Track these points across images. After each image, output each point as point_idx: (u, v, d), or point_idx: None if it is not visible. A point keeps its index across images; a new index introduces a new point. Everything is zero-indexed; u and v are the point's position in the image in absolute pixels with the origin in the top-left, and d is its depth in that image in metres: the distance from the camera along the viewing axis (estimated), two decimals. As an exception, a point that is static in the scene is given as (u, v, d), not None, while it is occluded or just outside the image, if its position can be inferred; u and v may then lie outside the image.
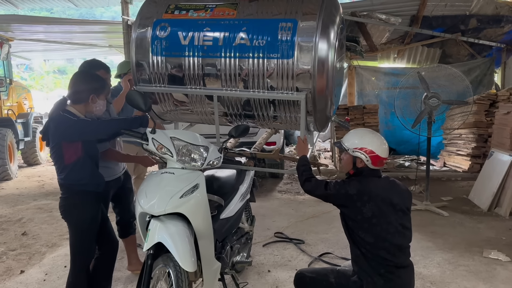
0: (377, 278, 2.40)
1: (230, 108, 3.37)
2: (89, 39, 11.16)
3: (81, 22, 9.22)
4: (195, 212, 2.50)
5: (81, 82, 2.77)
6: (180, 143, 2.59)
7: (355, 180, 2.54)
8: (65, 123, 2.60)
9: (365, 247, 2.44)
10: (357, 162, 2.56)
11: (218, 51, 3.17)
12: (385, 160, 2.57)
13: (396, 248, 2.44)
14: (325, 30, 3.01)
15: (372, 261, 2.42)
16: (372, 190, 2.46)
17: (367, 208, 2.40)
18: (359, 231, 2.46)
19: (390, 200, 2.45)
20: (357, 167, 2.56)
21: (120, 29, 8.56)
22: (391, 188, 2.54)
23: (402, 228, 2.46)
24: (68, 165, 2.68)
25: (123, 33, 7.84)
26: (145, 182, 2.61)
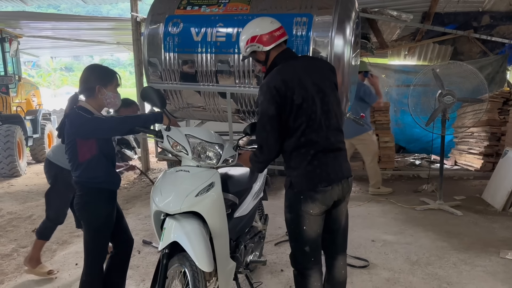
0: (305, 165, 2.27)
1: (243, 105, 3.32)
2: (97, 36, 11.16)
3: (90, 19, 9.20)
4: (210, 210, 2.45)
5: (86, 75, 2.72)
6: (195, 140, 2.54)
7: (268, 76, 2.34)
8: (79, 120, 2.56)
9: (296, 135, 2.28)
10: (258, 57, 2.43)
11: (232, 47, 3.13)
12: (275, 32, 2.38)
13: (326, 129, 2.29)
14: (341, 25, 2.96)
15: (302, 148, 2.28)
16: (290, 75, 2.28)
17: (296, 94, 2.23)
18: (291, 119, 2.27)
19: (312, 80, 2.30)
20: (262, 61, 2.44)
21: (129, 26, 8.53)
22: (310, 66, 2.38)
23: (330, 106, 2.32)
24: (82, 163, 2.64)
25: (132, 30, 7.81)
26: (159, 180, 2.57)
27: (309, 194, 2.27)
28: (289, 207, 2.38)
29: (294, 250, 2.44)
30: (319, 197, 2.27)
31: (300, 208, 2.29)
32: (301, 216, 2.31)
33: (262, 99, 2.30)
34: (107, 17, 8.67)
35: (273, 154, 2.37)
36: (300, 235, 2.34)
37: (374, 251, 3.96)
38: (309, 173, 2.28)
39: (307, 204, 2.28)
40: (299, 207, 2.30)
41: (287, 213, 2.39)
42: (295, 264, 2.46)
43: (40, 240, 3.68)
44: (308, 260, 2.37)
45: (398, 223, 4.73)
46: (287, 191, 2.39)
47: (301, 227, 2.31)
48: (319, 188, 2.27)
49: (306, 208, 2.28)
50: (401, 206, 5.31)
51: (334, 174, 2.32)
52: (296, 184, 2.31)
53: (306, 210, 2.29)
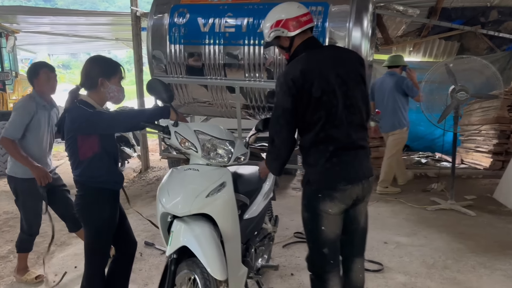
0: (323, 162, 2.14)
1: (252, 100, 3.15)
2: (96, 32, 10.94)
3: (88, 13, 9.01)
4: (222, 212, 2.28)
5: (89, 66, 2.55)
6: (205, 137, 2.37)
7: (288, 66, 2.22)
8: (80, 115, 2.38)
9: (314, 130, 2.14)
10: (283, 43, 2.27)
11: (241, 38, 2.96)
12: (302, 18, 2.22)
13: (347, 124, 2.15)
14: (359, 16, 2.79)
15: (320, 145, 2.15)
16: (311, 65, 2.13)
17: (316, 86, 2.09)
18: (308, 113, 2.13)
19: (336, 71, 2.14)
20: (286, 47, 2.27)
21: (127, 21, 8.34)
22: (335, 57, 2.23)
23: (354, 101, 2.17)
24: (83, 161, 2.46)
25: (132, 25, 7.60)
26: (166, 179, 2.39)
27: (327, 192, 2.16)
28: (306, 206, 2.25)
29: (311, 252, 2.31)
30: (338, 196, 2.15)
31: (318, 207, 2.17)
32: (319, 215, 2.19)
33: (278, 90, 2.17)
34: (106, 11, 8.48)
35: (285, 149, 2.24)
36: (318, 236, 2.23)
37: (387, 254, 3.79)
38: (328, 171, 2.15)
39: (326, 202, 2.16)
40: (317, 205, 2.18)
41: (304, 212, 2.27)
42: (312, 268, 2.33)
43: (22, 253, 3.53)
44: (327, 262, 2.26)
45: (410, 224, 4.56)
46: (305, 189, 2.26)
47: (319, 227, 2.20)
48: (338, 187, 2.14)
49: (325, 207, 2.16)
50: (411, 206, 5.15)
51: (354, 173, 2.18)
52: (314, 181, 2.19)
53: (324, 209, 2.17)
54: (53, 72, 3.27)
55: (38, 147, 3.23)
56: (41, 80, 3.20)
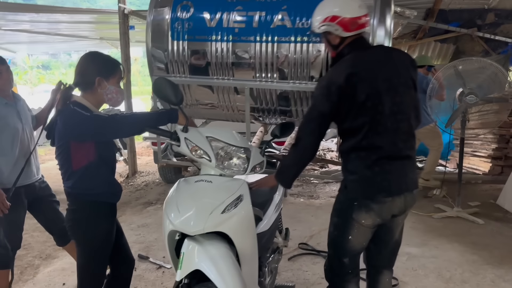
0: (364, 171, 1.98)
1: (263, 103, 2.88)
2: (79, 31, 10.50)
3: (72, 11, 8.58)
4: (239, 230, 2.01)
5: (85, 64, 2.25)
6: (218, 144, 2.09)
7: (333, 69, 2.04)
8: (75, 118, 2.08)
9: (356, 137, 1.97)
10: (331, 40, 2.07)
11: (252, 35, 2.69)
12: (361, 20, 2.03)
13: (393, 132, 1.97)
14: (383, 12, 2.55)
15: (362, 152, 1.98)
16: (356, 68, 1.95)
17: (360, 90, 1.91)
18: (350, 118, 1.96)
19: (384, 75, 1.97)
20: (335, 45, 2.07)
21: (113, 19, 7.98)
22: (384, 59, 2.04)
23: (402, 107, 1.99)
24: (76, 171, 2.16)
25: (119, 23, 7.24)
26: (174, 192, 2.11)
27: (364, 202, 2.01)
28: (338, 211, 2.11)
29: (331, 260, 2.19)
30: (375, 207, 2.00)
31: (350, 215, 2.04)
32: (349, 224, 2.06)
33: (318, 93, 1.99)
34: (91, 9, 8.09)
35: (307, 154, 2.07)
36: (342, 244, 2.11)
37: (400, 267, 3.56)
38: (368, 180, 1.99)
39: (360, 213, 2.02)
40: (349, 213, 2.04)
41: (334, 217, 2.12)
42: (330, 276, 2.21)
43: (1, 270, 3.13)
44: (346, 272, 2.17)
45: (419, 233, 4.35)
46: (340, 194, 2.11)
47: (346, 236, 2.08)
48: (377, 198, 1.96)
49: (358, 217, 2.03)
50: (416, 214, 4.94)
51: (396, 185, 1.98)
52: (352, 189, 2.02)
53: (357, 219, 2.03)
54: (4, 64, 2.85)
55: (18, 153, 2.85)
56: None
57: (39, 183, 2.99)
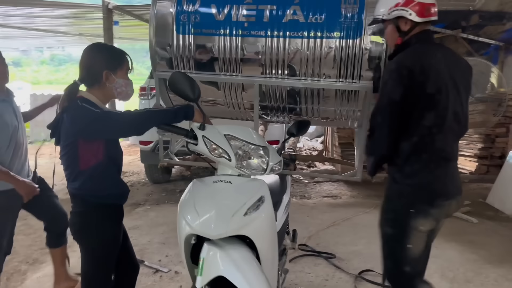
0: (424, 174, 1.94)
1: (272, 100, 2.79)
2: (57, 26, 10.14)
3: (51, 5, 8.23)
4: (262, 233, 1.90)
5: (89, 57, 2.10)
6: (237, 143, 1.99)
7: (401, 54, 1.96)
8: (85, 115, 1.93)
9: (419, 134, 1.92)
10: (401, 25, 2.02)
11: (263, 29, 2.59)
12: (433, 8, 2.01)
13: (452, 133, 1.97)
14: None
15: (424, 153, 1.93)
16: (428, 59, 1.91)
17: (431, 80, 1.87)
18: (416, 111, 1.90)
19: (450, 72, 1.93)
20: (404, 31, 2.02)
21: (93, 14, 7.74)
22: (450, 58, 2.00)
23: (460, 108, 1.96)
24: (84, 171, 2.02)
25: (103, 18, 7.05)
26: (189, 193, 1.99)
27: (422, 208, 1.95)
28: (392, 221, 2.03)
29: (391, 271, 2.12)
30: (434, 212, 1.97)
31: (408, 223, 1.97)
32: (407, 232, 1.99)
33: (387, 78, 1.93)
34: (73, 3, 7.77)
35: (382, 145, 1.96)
36: (402, 254, 2.03)
37: (403, 267, 3.53)
38: (429, 184, 1.95)
39: (418, 219, 1.96)
40: (407, 222, 1.97)
41: (388, 227, 2.05)
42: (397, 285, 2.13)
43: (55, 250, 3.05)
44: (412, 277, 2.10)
45: (416, 232, 4.34)
46: (392, 202, 2.04)
47: (404, 245, 2.00)
48: (436, 203, 1.92)
49: (416, 224, 1.96)
50: (410, 213, 4.94)
51: (453, 188, 2.00)
52: (408, 194, 1.94)
53: (415, 226, 1.97)
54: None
55: (13, 152, 2.69)
56: None
57: (33, 180, 2.83)
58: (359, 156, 2.85)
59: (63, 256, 3.15)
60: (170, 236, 4.29)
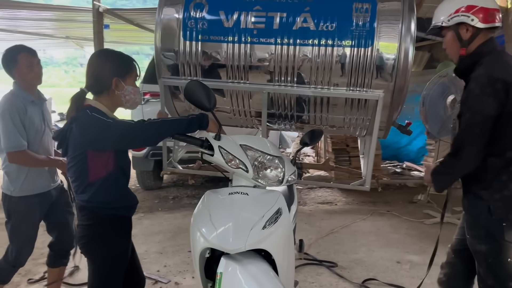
0: None
1: (280, 108, 2.75)
2: (42, 29, 9.93)
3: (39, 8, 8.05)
4: (281, 247, 1.85)
5: (98, 64, 2.04)
6: (254, 153, 1.94)
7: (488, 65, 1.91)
8: (95, 125, 1.86)
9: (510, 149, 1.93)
10: (462, 33, 1.99)
11: (273, 37, 2.55)
12: (497, 13, 1.97)
13: None
14: (410, 14, 2.48)
15: None
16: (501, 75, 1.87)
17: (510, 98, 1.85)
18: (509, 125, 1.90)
19: None
20: (464, 40, 1.98)
21: (81, 17, 7.61)
22: None
23: None
24: (94, 183, 1.95)
25: (93, 22, 6.88)
26: (205, 205, 1.93)
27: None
28: (486, 237, 1.98)
29: None
30: None
31: (502, 237, 1.95)
32: (504, 246, 1.96)
33: (478, 93, 1.86)
34: (62, 6, 7.64)
35: (469, 165, 1.94)
36: (503, 269, 1.99)
37: (405, 275, 3.52)
38: None
39: (511, 232, 1.94)
40: (501, 236, 1.95)
41: (483, 245, 2.00)
42: None
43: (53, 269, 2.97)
44: None
45: (415, 239, 4.35)
46: (482, 219, 1.98)
47: (505, 260, 1.97)
48: None
49: (511, 237, 1.95)
50: (407, 220, 4.96)
51: None
52: (497, 209, 1.95)
53: (510, 239, 1.95)
54: (35, 56, 2.66)
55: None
56: (22, 68, 2.58)
57: (55, 189, 2.80)
58: (367, 165, 2.82)
59: (59, 276, 3.08)
60: (167, 245, 4.21)
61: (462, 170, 1.99)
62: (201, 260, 1.89)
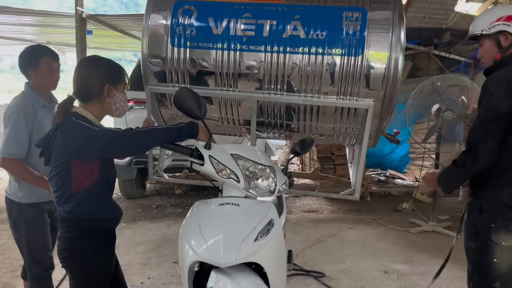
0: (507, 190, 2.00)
1: (269, 116, 2.71)
2: (23, 34, 9.74)
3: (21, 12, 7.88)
4: (273, 259, 1.80)
5: (88, 71, 1.97)
6: (245, 163, 1.89)
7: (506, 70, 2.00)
8: (81, 133, 1.79)
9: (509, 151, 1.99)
10: (502, 41, 2.07)
11: (262, 44, 2.52)
12: None
13: None
14: (400, 23, 2.48)
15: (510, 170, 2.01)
16: None
17: None
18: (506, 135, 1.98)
19: None
20: (503, 46, 2.07)
21: (65, 23, 7.47)
22: None
23: None
24: (77, 193, 1.87)
25: (76, 27, 6.78)
26: (194, 216, 1.87)
27: (504, 223, 1.99)
28: (474, 235, 2.06)
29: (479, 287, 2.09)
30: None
31: (489, 237, 2.01)
32: (490, 246, 2.01)
33: (493, 91, 1.95)
34: (43, 11, 7.49)
35: (482, 163, 1.96)
36: (487, 269, 2.04)
37: (393, 285, 3.50)
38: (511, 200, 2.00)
39: (499, 234, 2.00)
40: (488, 236, 2.01)
41: (472, 242, 2.07)
42: None
43: None
44: None
45: (401, 248, 4.34)
46: (473, 216, 2.06)
47: (491, 260, 2.02)
48: None
49: (498, 239, 2.00)
50: (393, 229, 4.95)
51: None
52: (488, 208, 2.01)
53: (497, 241, 2.00)
54: (58, 61, 2.54)
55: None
56: (42, 71, 2.45)
57: None
58: (356, 174, 2.80)
59: None
60: (150, 256, 4.11)
61: (475, 167, 2.01)
62: (190, 274, 1.82)
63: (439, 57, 8.33)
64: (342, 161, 6.65)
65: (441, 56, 8.17)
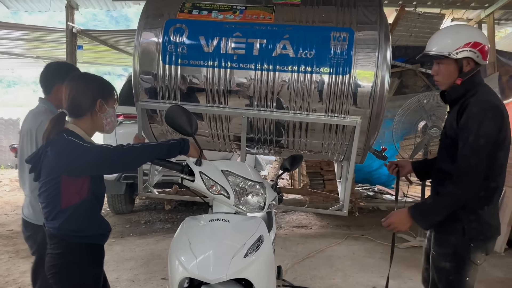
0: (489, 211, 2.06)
1: (259, 133, 2.75)
2: (13, 48, 9.72)
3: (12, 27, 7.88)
4: (262, 276, 1.82)
5: (80, 87, 2.00)
6: (235, 179, 1.92)
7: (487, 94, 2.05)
8: (72, 149, 1.81)
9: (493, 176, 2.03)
10: (464, 66, 2.05)
11: (253, 62, 2.57)
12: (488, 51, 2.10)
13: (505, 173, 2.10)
14: (386, 43, 2.55)
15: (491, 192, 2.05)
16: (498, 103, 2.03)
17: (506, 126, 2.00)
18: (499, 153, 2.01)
19: None
20: (464, 72, 2.05)
21: (55, 38, 7.50)
22: None
23: None
24: (66, 209, 1.88)
25: (67, 42, 6.83)
26: (184, 232, 1.88)
27: (482, 243, 2.05)
28: (452, 255, 2.06)
29: None
30: (490, 247, 2.11)
31: (468, 257, 2.04)
32: (466, 265, 2.05)
33: (482, 117, 1.94)
34: (34, 26, 7.51)
35: (474, 189, 1.98)
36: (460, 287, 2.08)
37: (382, 301, 3.51)
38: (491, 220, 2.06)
39: (477, 254, 2.04)
40: (467, 256, 2.04)
41: (448, 262, 2.07)
42: None
43: None
44: None
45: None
46: (453, 237, 2.05)
47: (464, 279, 2.06)
48: (494, 238, 2.11)
49: (475, 258, 2.05)
50: (382, 244, 4.99)
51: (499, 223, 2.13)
52: (471, 229, 2.02)
53: (474, 260, 2.05)
54: None
55: None
56: None
57: None
58: (344, 189, 2.84)
59: None
60: (139, 273, 4.08)
61: (466, 195, 2.00)
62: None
63: (425, 75, 8.49)
64: (331, 176, 6.70)
65: (427, 74, 8.33)
